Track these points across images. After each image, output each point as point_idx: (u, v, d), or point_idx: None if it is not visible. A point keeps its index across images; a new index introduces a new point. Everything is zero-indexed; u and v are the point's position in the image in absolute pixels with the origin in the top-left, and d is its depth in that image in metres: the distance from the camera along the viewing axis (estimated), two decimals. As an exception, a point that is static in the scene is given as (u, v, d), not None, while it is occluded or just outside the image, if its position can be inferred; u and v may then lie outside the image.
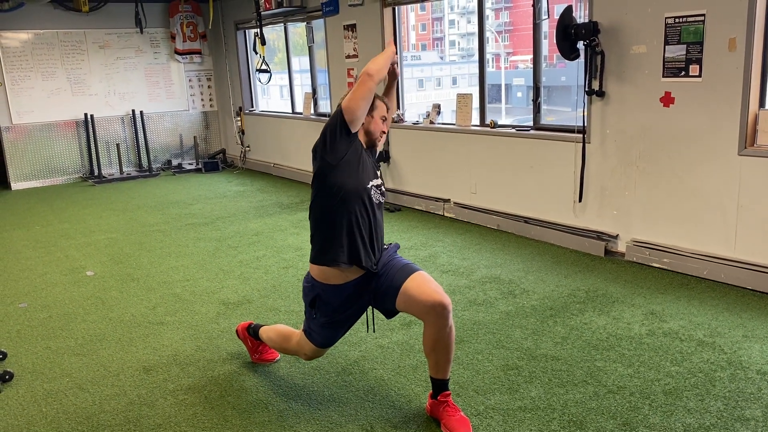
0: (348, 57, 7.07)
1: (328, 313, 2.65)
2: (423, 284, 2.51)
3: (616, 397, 2.75)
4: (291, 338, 2.90)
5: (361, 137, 2.62)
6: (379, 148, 2.76)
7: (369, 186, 2.58)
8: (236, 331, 3.32)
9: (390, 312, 2.66)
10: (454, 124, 5.98)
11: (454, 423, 2.53)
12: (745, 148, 3.85)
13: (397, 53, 2.71)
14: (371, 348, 3.33)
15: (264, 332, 3.07)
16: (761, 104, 3.85)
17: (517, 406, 2.72)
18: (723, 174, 3.98)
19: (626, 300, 3.83)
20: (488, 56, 5.82)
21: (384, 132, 2.70)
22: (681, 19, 4.01)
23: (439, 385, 2.61)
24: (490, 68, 5.94)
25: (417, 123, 6.42)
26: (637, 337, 3.33)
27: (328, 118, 2.67)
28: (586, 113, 4.66)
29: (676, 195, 4.25)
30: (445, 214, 6.10)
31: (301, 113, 8.37)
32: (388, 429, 2.61)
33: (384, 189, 2.71)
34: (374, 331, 3.25)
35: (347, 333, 2.96)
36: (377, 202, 2.62)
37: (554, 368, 3.03)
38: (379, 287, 2.60)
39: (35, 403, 2.95)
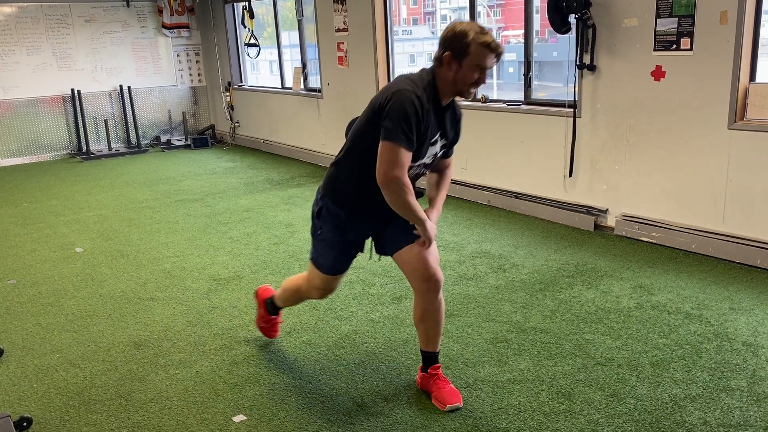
0: (338, 31, 6.99)
1: (333, 227, 2.52)
2: (427, 254, 2.47)
3: (604, 369, 2.78)
4: (300, 284, 2.81)
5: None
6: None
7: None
8: (256, 292, 3.18)
9: (383, 254, 2.62)
10: (444, 99, 5.94)
11: (444, 395, 2.56)
12: (735, 122, 3.86)
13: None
14: (362, 322, 3.34)
15: (279, 299, 2.99)
16: (752, 78, 3.84)
17: (507, 378, 2.74)
18: (713, 148, 3.99)
19: (615, 274, 3.85)
20: (479, 30, 5.76)
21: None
22: (673, -8, 3.98)
23: (429, 358, 2.63)
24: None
25: (408, 98, 6.37)
26: (626, 310, 3.36)
27: (318, 93, 2.57)
28: (577, 88, 4.64)
29: (666, 169, 4.26)
30: (436, 190, 6.09)
31: (290, 88, 8.30)
32: (379, 402, 2.63)
33: (429, 166, 2.57)
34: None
35: (340, 297, 2.94)
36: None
37: (543, 341, 3.06)
38: (385, 230, 2.54)
39: (26, 378, 2.96)
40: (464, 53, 2.29)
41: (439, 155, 2.53)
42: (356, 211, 2.50)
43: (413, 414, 2.53)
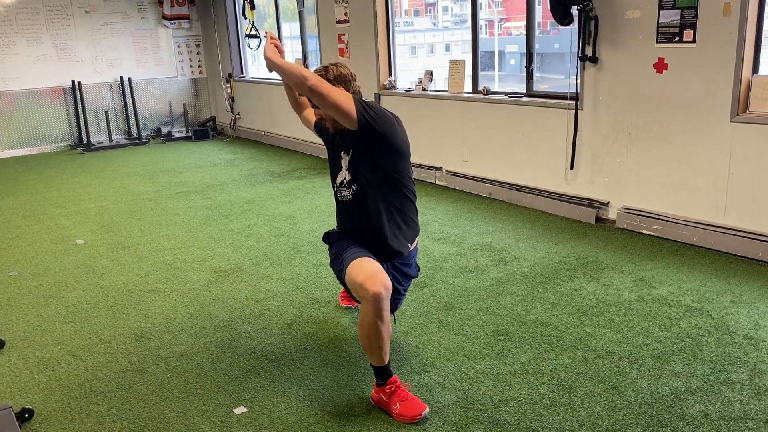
0: (339, 22, 6.96)
1: (342, 237, 2.77)
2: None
3: (605, 362, 2.78)
4: (360, 316, 2.47)
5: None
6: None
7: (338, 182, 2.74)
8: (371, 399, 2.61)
9: None
10: (446, 91, 5.93)
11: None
12: (738, 114, 3.84)
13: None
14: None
15: (369, 357, 2.53)
16: (754, 70, 3.82)
17: (507, 371, 2.75)
18: (715, 140, 3.97)
19: (616, 267, 3.85)
20: (481, 22, 5.74)
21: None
22: (676, -16, 3.95)
23: None
24: (483, 35, 5.87)
25: (409, 90, 6.37)
26: (627, 303, 3.36)
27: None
28: (578, 80, 4.63)
29: (668, 162, 4.25)
30: (437, 182, 6.09)
31: (291, 80, 8.26)
32: (380, 394, 2.63)
33: (352, 182, 2.67)
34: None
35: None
36: (346, 199, 2.72)
37: (544, 334, 3.06)
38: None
39: (27, 370, 2.96)
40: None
41: (355, 165, 2.67)
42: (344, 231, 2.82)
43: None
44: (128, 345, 3.16)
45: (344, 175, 2.68)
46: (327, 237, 2.88)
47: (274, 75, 2.76)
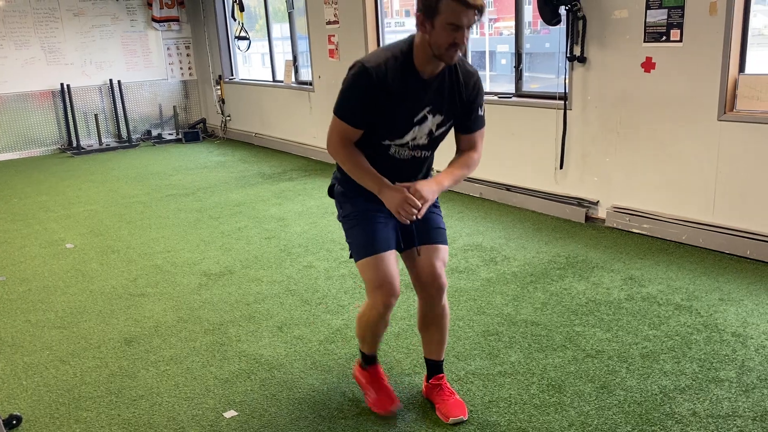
0: (329, 23, 6.95)
1: (348, 199, 2.35)
2: (434, 257, 2.38)
3: (595, 361, 2.79)
4: (362, 308, 2.44)
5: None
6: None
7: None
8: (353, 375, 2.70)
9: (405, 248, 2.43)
10: (436, 92, 5.92)
11: (449, 407, 2.44)
12: (725, 113, 3.86)
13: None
14: (353, 316, 3.34)
15: (360, 344, 2.57)
16: (741, 69, 3.85)
17: (497, 371, 2.75)
18: (703, 139, 3.99)
19: (606, 265, 3.86)
20: (470, 22, 5.74)
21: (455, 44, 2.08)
22: (663, -17, 3.97)
23: (431, 367, 2.54)
24: (473, 35, 5.88)
25: (399, 91, 6.36)
26: (616, 301, 3.37)
27: (309, 86, 2.51)
28: (567, 79, 4.64)
29: (657, 161, 4.27)
30: (428, 183, 6.08)
31: (282, 81, 8.26)
32: (370, 396, 2.63)
33: (427, 147, 2.44)
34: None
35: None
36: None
37: (534, 333, 3.07)
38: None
39: (15, 376, 2.94)
40: (434, 11, 2.02)
41: (440, 133, 2.35)
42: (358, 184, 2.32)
43: (405, 408, 2.53)
44: (117, 349, 3.14)
45: (417, 137, 2.29)
46: (341, 183, 2.41)
47: (267, 76, 2.68)
